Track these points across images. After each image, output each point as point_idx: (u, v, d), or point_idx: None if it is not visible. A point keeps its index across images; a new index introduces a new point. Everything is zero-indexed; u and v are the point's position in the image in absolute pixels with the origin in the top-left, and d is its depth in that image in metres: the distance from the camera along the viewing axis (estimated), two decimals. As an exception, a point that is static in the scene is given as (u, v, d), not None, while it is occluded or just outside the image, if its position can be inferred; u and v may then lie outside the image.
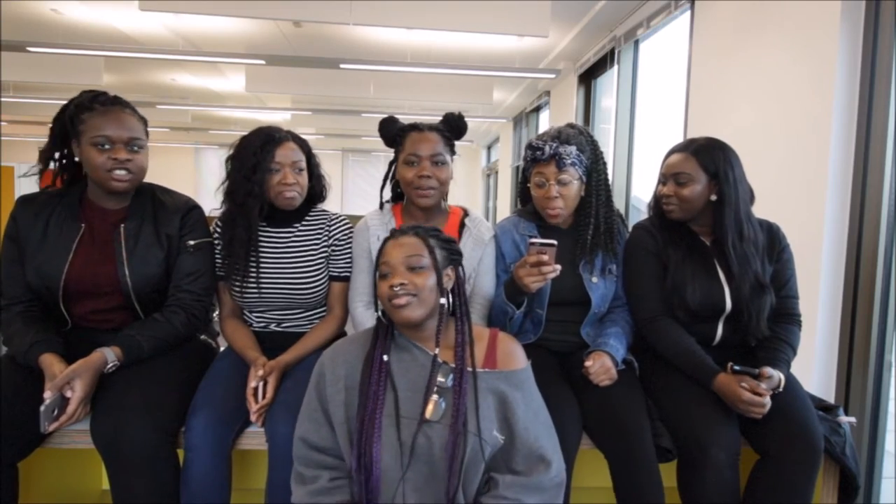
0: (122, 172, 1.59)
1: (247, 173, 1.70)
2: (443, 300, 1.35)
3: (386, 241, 1.39)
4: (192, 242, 1.70)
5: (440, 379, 1.31)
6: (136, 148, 1.61)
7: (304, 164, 1.77)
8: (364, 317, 1.80)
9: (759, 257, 1.71)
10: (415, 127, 1.80)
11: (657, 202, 1.81)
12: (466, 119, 1.85)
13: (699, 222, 1.78)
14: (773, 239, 1.76)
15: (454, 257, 1.41)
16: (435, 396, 1.29)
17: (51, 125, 1.64)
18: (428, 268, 1.33)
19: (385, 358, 1.33)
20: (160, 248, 1.66)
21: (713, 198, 1.71)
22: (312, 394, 1.36)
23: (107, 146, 1.57)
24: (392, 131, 1.83)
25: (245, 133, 1.78)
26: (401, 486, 1.23)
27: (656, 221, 1.82)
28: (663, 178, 1.77)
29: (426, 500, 1.23)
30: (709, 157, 1.70)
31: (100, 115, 1.57)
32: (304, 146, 1.80)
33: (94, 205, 1.67)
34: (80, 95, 1.63)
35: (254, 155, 1.69)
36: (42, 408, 1.38)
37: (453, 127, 1.83)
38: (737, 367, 1.57)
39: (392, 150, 1.87)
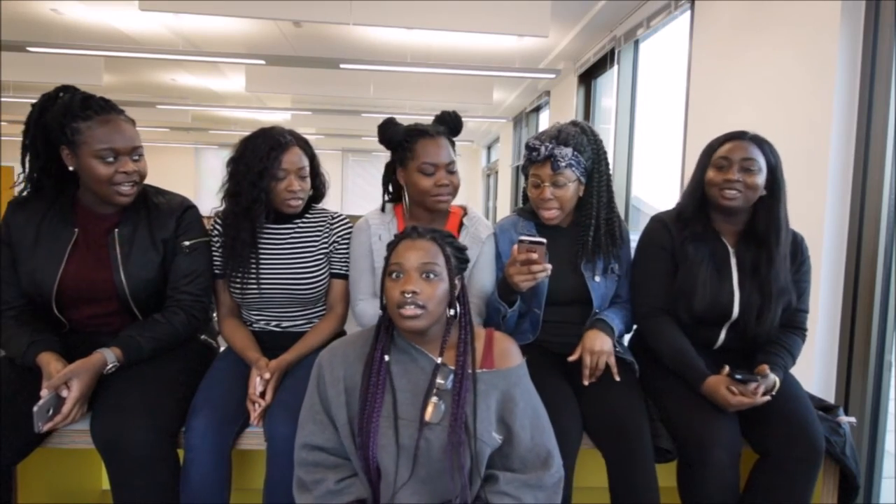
0: (129, 186, 1.57)
1: (253, 179, 1.68)
2: (451, 311, 1.31)
3: (400, 238, 1.33)
4: (187, 243, 1.68)
5: (439, 381, 1.30)
6: (138, 157, 1.58)
7: (307, 170, 1.76)
8: (365, 309, 1.77)
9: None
10: (424, 132, 1.73)
11: (699, 188, 1.69)
12: (466, 119, 1.82)
13: (731, 220, 1.71)
14: (797, 250, 1.72)
15: (463, 266, 1.39)
16: (434, 399, 1.28)
17: (26, 130, 1.57)
18: (441, 277, 1.29)
19: (386, 358, 1.31)
20: (156, 253, 1.64)
21: (763, 192, 1.66)
22: (314, 396, 1.34)
23: (111, 159, 1.53)
24: (396, 135, 1.75)
25: (246, 133, 1.76)
26: (400, 489, 1.23)
27: (688, 212, 1.72)
28: (724, 163, 1.64)
29: (423, 501, 1.23)
30: (770, 149, 1.66)
31: (100, 124, 1.52)
32: (307, 149, 1.78)
33: (87, 209, 1.63)
34: (58, 97, 1.56)
35: (260, 161, 1.67)
36: (36, 407, 1.37)
37: (452, 128, 1.81)
38: (738, 376, 1.54)
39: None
